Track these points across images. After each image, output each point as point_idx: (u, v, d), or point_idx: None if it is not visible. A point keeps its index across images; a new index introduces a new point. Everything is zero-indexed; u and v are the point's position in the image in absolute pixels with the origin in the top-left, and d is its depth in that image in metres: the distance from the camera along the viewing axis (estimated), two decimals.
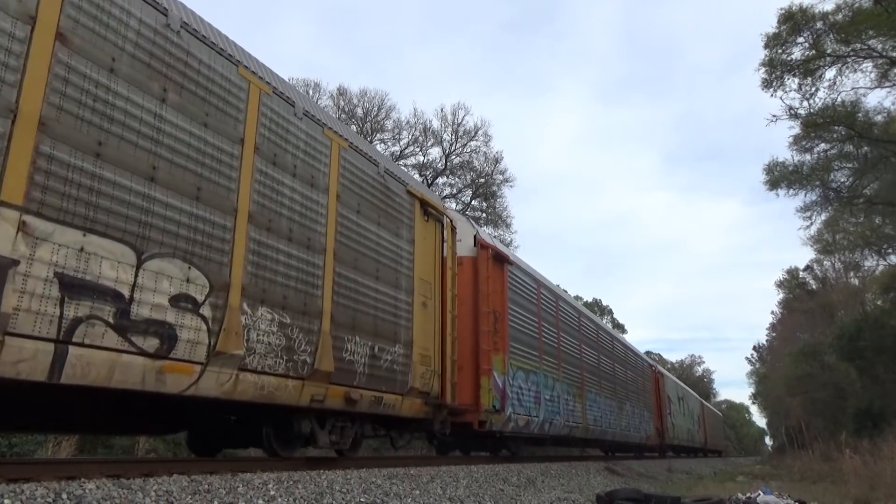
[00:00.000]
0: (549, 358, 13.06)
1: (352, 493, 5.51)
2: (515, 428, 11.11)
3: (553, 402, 13.00)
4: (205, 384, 4.99)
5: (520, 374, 11.40)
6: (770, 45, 22.03)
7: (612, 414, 17.82)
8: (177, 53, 5.06)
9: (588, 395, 15.54)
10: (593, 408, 15.95)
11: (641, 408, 21.79)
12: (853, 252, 34.60)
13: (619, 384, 19.20)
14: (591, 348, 16.78)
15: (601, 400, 16.76)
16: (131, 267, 4.45)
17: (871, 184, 24.92)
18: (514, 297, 11.65)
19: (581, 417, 14.75)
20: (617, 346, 20.18)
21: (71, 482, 3.87)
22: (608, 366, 18.25)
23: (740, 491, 9.64)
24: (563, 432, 13.58)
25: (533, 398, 11.89)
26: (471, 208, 31.68)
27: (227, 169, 5.39)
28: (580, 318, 16.25)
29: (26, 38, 3.97)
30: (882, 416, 24.07)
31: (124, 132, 4.53)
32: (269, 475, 5.29)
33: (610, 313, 65.85)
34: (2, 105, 3.80)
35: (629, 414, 19.83)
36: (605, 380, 17.61)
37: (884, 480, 10.42)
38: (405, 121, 30.78)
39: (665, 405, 25.90)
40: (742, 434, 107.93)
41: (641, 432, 21.16)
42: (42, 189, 3.93)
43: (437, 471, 7.63)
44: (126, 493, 3.92)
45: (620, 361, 20.03)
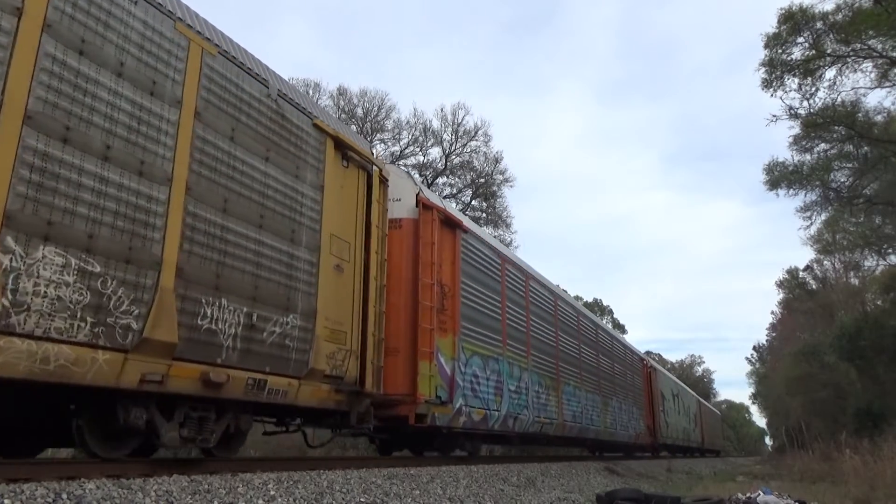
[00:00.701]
0: (515, 344, 11.50)
1: (352, 493, 5.51)
2: (469, 423, 9.49)
3: (520, 394, 11.35)
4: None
5: (475, 360, 9.80)
6: (770, 45, 22.05)
7: (595, 410, 16.28)
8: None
9: (565, 388, 14.00)
10: (571, 402, 14.43)
11: (630, 404, 20.39)
12: (853, 252, 34.58)
13: (605, 377, 17.71)
14: (570, 336, 15.18)
15: (582, 394, 15.27)
16: None
17: (871, 184, 24.91)
18: (470, 270, 10.02)
19: (556, 413, 13.17)
20: (602, 336, 18.60)
21: (71, 482, 3.87)
22: (591, 357, 16.71)
23: (740, 491, 9.64)
24: (532, 429, 11.94)
25: (493, 389, 10.32)
26: (471, 208, 31.69)
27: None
28: (556, 301, 14.56)
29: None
30: (882, 416, 24.07)
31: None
32: (269, 475, 5.29)
33: (610, 313, 65.91)
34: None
35: (616, 410, 18.38)
36: (588, 372, 16.10)
37: (884, 480, 10.43)
38: (405, 121, 30.79)
39: (658, 402, 24.52)
40: (742, 434, 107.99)
41: (630, 430, 19.83)
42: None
43: (437, 471, 7.63)
44: (126, 493, 3.92)
45: (606, 353, 18.51)
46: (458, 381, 9.10)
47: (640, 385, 22.55)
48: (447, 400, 8.70)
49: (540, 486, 9.11)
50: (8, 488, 3.51)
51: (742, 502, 8.21)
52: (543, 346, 13.16)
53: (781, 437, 49.83)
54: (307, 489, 5.20)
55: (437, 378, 8.42)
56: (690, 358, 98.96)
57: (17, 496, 3.42)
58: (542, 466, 11.06)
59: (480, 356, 10.02)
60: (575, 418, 14.50)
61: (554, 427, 13.05)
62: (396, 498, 5.88)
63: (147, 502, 3.92)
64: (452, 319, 9.13)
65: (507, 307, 11.38)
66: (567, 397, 14.15)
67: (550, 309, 14.02)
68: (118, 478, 4.25)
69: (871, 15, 19.63)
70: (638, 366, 22.89)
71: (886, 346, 25.40)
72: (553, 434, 13.27)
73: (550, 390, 13.10)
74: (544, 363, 13.00)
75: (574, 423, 14.42)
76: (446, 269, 9.19)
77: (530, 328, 12.45)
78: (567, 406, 14.06)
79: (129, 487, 4.02)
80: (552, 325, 13.90)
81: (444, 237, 9.24)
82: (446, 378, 8.79)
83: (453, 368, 8.97)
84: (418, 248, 8.64)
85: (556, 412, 13.18)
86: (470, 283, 9.95)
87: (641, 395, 22.37)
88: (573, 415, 14.36)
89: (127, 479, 4.22)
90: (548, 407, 12.77)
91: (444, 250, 9.22)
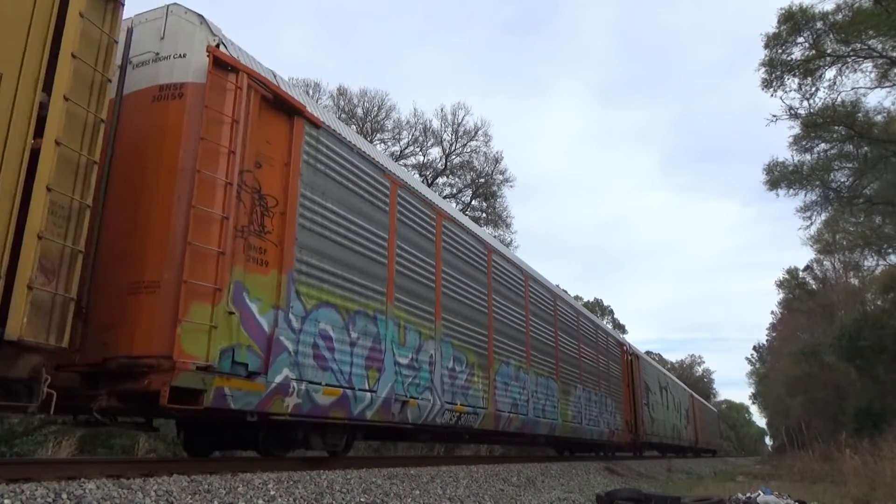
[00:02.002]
0: (412, 301, 8.32)
1: (352, 493, 5.52)
2: (306, 408, 6.22)
3: (417, 370, 8.16)
4: None
5: (325, 312, 6.58)
6: (770, 45, 22.10)
7: (550, 399, 13.03)
8: None
9: (501, 370, 10.80)
10: (511, 388, 11.16)
11: (603, 394, 17.25)
12: (853, 252, 34.65)
13: (567, 361, 14.51)
14: (513, 304, 11.83)
15: (529, 378, 12.01)
16: None
17: (871, 184, 24.94)
18: (326, 184, 6.92)
19: (483, 400, 9.95)
20: (564, 310, 15.17)
21: (71, 482, 3.88)
22: (545, 333, 13.38)
23: (740, 491, 9.64)
24: (441, 420, 8.73)
25: (363, 359, 7.09)
26: (471, 208, 31.70)
27: None
28: (491, 256, 11.20)
29: None
30: (882, 416, 24.09)
31: None
32: (269, 475, 5.29)
33: (611, 313, 65.97)
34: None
35: (581, 401, 15.17)
36: (541, 352, 12.87)
37: (884, 480, 10.44)
38: (405, 121, 30.80)
39: (641, 394, 21.80)
40: (742, 434, 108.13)
41: (602, 426, 16.65)
42: None
43: (437, 471, 7.64)
44: (126, 493, 3.92)
45: (569, 331, 15.18)
46: (284, 341, 6.00)
47: (619, 374, 19.56)
48: (259, 370, 5.66)
49: (540, 486, 9.12)
50: (8, 488, 3.51)
51: (742, 502, 8.21)
52: (465, 309, 9.85)
53: (781, 437, 49.98)
54: (307, 489, 5.21)
55: (234, 333, 5.44)
56: (690, 358, 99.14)
57: (17, 496, 3.42)
58: (542, 466, 11.06)
59: (338, 309, 6.80)
60: (516, 408, 11.22)
61: (481, 418, 9.87)
62: (396, 498, 5.88)
63: (147, 502, 3.92)
64: (280, 248, 6.12)
65: (401, 248, 8.21)
66: (503, 380, 10.87)
67: (481, 263, 10.73)
68: (118, 478, 4.25)
69: (871, 15, 19.66)
70: (616, 351, 19.90)
71: (886, 346, 25.42)
72: (479, 427, 9.96)
73: (476, 370, 9.89)
74: (466, 334, 9.75)
75: (514, 415, 11.07)
76: (272, 172, 6.20)
77: (442, 283, 9.13)
78: (503, 392, 10.80)
79: (129, 487, 4.02)
80: (483, 284, 10.62)
81: (266, 123, 6.24)
82: (259, 335, 5.74)
83: (274, 322, 5.92)
84: (203, 125, 5.59)
85: (483, 399, 9.97)
86: (324, 203, 6.81)
87: (620, 386, 19.36)
88: (511, 403, 11.05)
89: (127, 479, 4.23)
90: (470, 392, 9.55)
91: (269, 143, 6.23)
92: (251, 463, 6.30)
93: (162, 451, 13.57)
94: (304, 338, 6.26)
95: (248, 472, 5.42)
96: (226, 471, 5.28)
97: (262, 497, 4.67)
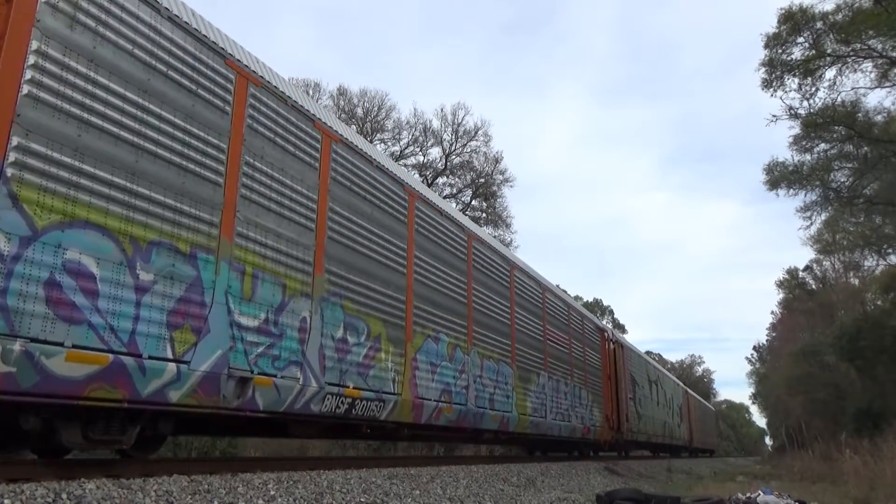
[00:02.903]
0: (269, 240, 5.89)
1: (352, 493, 5.52)
2: (20, 381, 3.75)
3: (274, 336, 5.85)
4: None
5: (79, 236, 4.25)
6: (770, 45, 22.10)
7: (502, 387, 10.68)
8: None
9: (424, 346, 8.42)
10: (441, 370, 8.76)
11: (577, 385, 14.93)
12: (853, 252, 34.67)
13: (527, 343, 12.14)
14: (447, 267, 9.38)
15: (470, 359, 9.62)
16: None
17: (871, 184, 24.94)
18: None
19: (395, 383, 7.60)
20: (524, 282, 12.65)
21: (71, 482, 3.87)
22: (497, 307, 10.98)
23: (740, 491, 9.65)
24: (320, 407, 6.34)
25: (162, 313, 4.75)
26: (471, 208, 31.72)
27: None
28: (414, 200, 8.67)
29: None
30: (882, 416, 24.09)
31: None
32: (269, 475, 5.30)
33: (611, 313, 66.08)
34: None
35: (546, 391, 12.75)
36: (488, 329, 10.49)
37: (884, 480, 10.45)
38: (405, 121, 30.86)
39: (625, 387, 19.58)
40: (742, 434, 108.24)
41: (574, 421, 14.33)
42: None
43: (437, 471, 7.64)
44: (126, 493, 3.92)
45: (531, 308, 12.71)
46: None
47: (598, 363, 17.31)
48: None
49: (540, 486, 9.12)
50: (8, 488, 3.51)
51: (742, 502, 8.22)
52: (367, 264, 7.39)
53: (781, 437, 50.01)
54: (307, 489, 5.21)
55: None
56: (690, 358, 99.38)
57: (17, 496, 3.42)
58: (542, 466, 11.07)
59: (110, 234, 4.45)
60: (449, 396, 8.86)
61: (391, 407, 7.45)
62: (396, 498, 5.88)
63: (147, 502, 3.93)
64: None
65: (251, 161, 5.81)
66: (429, 360, 8.49)
67: (398, 208, 8.23)
68: (118, 478, 4.25)
69: (871, 15, 19.67)
70: (594, 338, 17.46)
71: (886, 346, 25.43)
72: (389, 419, 7.56)
73: (385, 344, 7.52)
74: (369, 295, 7.34)
75: (445, 404, 8.72)
76: None
77: (328, 224, 6.76)
78: (428, 375, 8.41)
79: (129, 487, 4.03)
80: (401, 236, 8.18)
81: None
82: None
83: None
84: None
85: (396, 382, 7.62)
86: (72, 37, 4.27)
87: (599, 377, 17.14)
88: (444, 390, 8.75)
89: (127, 480, 4.23)
90: (372, 372, 7.16)
91: None
92: (251, 463, 6.31)
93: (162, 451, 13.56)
94: (26, 271, 3.89)
95: (248, 472, 5.42)
96: (226, 471, 5.28)
97: (262, 497, 4.67)
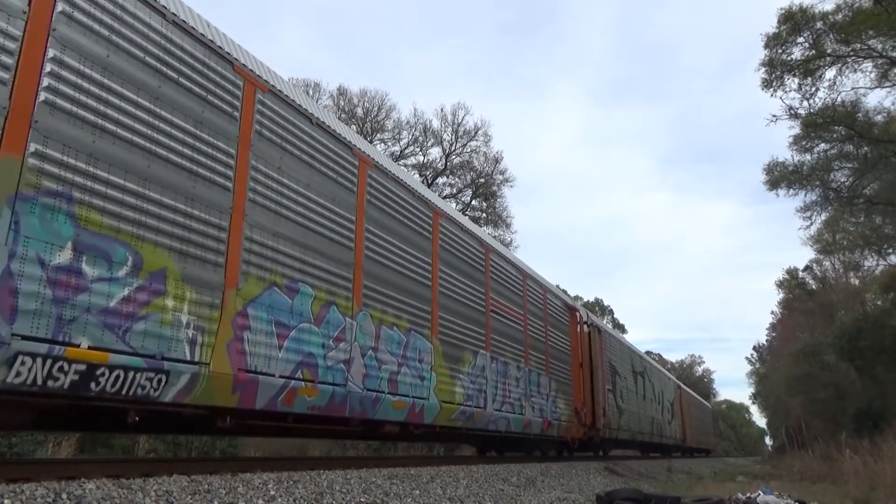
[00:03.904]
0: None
1: (352, 493, 5.52)
2: None
3: None
4: None
5: None
6: (770, 45, 22.10)
7: (411, 366, 8.01)
8: None
9: (267, 295, 5.85)
10: (301, 334, 6.20)
11: (535, 371, 12.43)
12: (853, 252, 34.66)
13: (458, 312, 9.51)
14: (310, 182, 6.55)
15: (354, 324, 6.94)
16: None
17: (871, 184, 24.94)
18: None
19: (193, 347, 4.96)
20: (456, 236, 9.82)
21: (71, 482, 3.87)
22: (409, 261, 8.33)
23: (740, 491, 9.65)
24: (12, 377, 3.69)
25: None
26: (471, 208, 31.72)
27: None
28: (288, 114, 6.35)
29: None
30: (882, 416, 24.10)
31: None
32: (269, 475, 5.29)
33: (611, 313, 66.14)
34: None
35: (485, 374, 10.11)
36: (388, 285, 7.77)
37: (884, 480, 10.45)
38: (405, 121, 30.87)
39: (603, 377, 16.82)
40: (742, 434, 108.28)
41: (530, 413, 11.82)
42: None
43: (437, 471, 7.64)
44: (126, 493, 3.92)
45: (466, 270, 10.01)
46: None
47: (566, 347, 14.79)
48: None
49: (540, 486, 9.12)
50: (8, 488, 3.51)
51: (742, 502, 8.21)
52: (131, 156, 4.63)
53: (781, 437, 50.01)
54: (307, 489, 5.21)
55: None
56: (690, 358, 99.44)
57: (17, 496, 3.42)
58: (542, 466, 11.06)
59: None
60: (311, 371, 6.25)
61: (189, 385, 4.93)
62: (396, 498, 5.88)
63: (147, 502, 3.92)
64: None
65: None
66: (269, 317, 5.84)
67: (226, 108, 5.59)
68: (118, 478, 4.25)
69: (871, 15, 19.66)
70: (563, 318, 14.86)
71: (886, 346, 25.43)
72: (187, 402, 5.03)
73: (172, 286, 4.87)
74: (129, 205, 4.58)
75: (307, 384, 6.13)
76: None
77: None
78: (267, 338, 5.78)
79: (129, 487, 4.02)
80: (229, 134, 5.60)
81: None
82: None
83: None
84: None
85: (195, 347, 5.01)
86: None
87: (568, 363, 14.69)
88: (302, 364, 6.13)
89: (127, 480, 4.22)
90: (136, 327, 4.52)
91: None
92: (251, 463, 6.30)
93: (162, 451, 13.58)
94: None
95: (247, 472, 5.42)
96: (226, 471, 5.28)
97: (262, 497, 4.67)
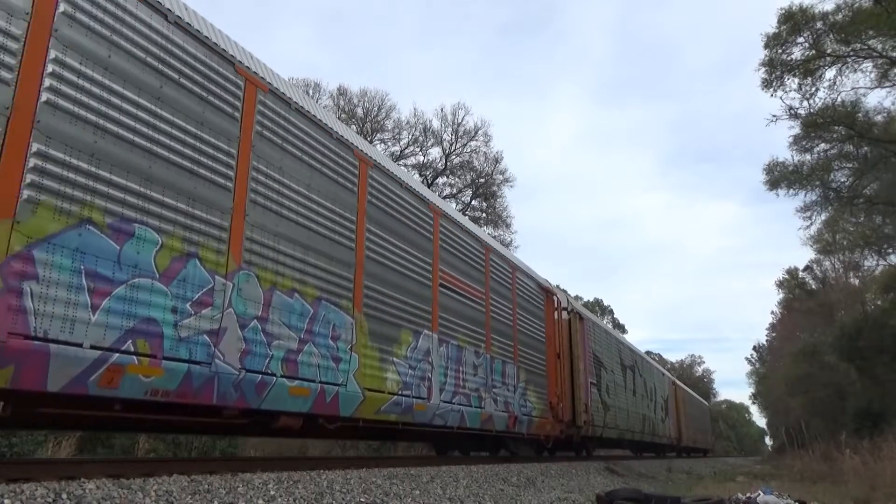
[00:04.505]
0: None
1: (352, 493, 5.52)
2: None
3: None
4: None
5: None
6: (770, 45, 22.11)
7: (319, 343, 6.34)
8: None
9: (68, 234, 3.97)
10: (131, 290, 4.35)
11: (499, 359, 11.00)
12: (853, 252, 34.68)
13: (389, 282, 7.82)
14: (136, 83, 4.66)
15: (238, 286, 5.41)
16: None
17: (871, 184, 24.95)
18: None
19: None
20: (394, 193, 8.21)
21: (71, 482, 3.87)
22: (327, 215, 6.70)
23: (740, 491, 9.64)
24: None
25: None
26: (471, 208, 31.71)
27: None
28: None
29: None
30: (882, 416, 24.11)
31: None
32: (269, 475, 5.29)
33: (611, 313, 66.11)
34: None
35: (429, 360, 8.59)
36: (285, 240, 6.02)
37: (884, 480, 10.45)
38: (405, 121, 30.85)
39: (586, 369, 15.37)
40: (742, 434, 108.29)
41: (491, 407, 10.38)
42: None
43: (437, 471, 7.63)
44: (126, 493, 3.92)
45: (404, 234, 8.36)
46: None
47: (540, 334, 13.30)
48: None
49: (540, 486, 9.11)
50: (8, 488, 3.51)
51: (742, 502, 8.20)
52: None
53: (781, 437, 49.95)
54: (307, 489, 5.20)
55: None
56: (690, 358, 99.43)
57: (17, 496, 3.42)
58: (542, 466, 11.05)
59: None
60: (153, 344, 4.52)
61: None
62: (396, 498, 5.88)
63: (147, 502, 3.92)
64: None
65: None
66: (91, 266, 4.10)
67: None
68: (118, 478, 4.24)
69: (871, 15, 19.67)
70: (536, 299, 13.40)
71: (886, 346, 25.44)
72: None
73: None
74: None
75: (138, 358, 4.38)
76: None
77: None
78: (72, 294, 3.96)
79: (129, 487, 4.02)
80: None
81: None
82: None
83: None
84: None
85: None
86: None
87: (542, 352, 13.22)
88: (134, 331, 4.40)
89: (127, 479, 4.22)
90: None
91: None
92: (251, 463, 6.30)
93: (162, 451, 13.58)
94: None
95: (247, 472, 5.42)
96: (226, 471, 5.27)
97: (262, 497, 4.67)
